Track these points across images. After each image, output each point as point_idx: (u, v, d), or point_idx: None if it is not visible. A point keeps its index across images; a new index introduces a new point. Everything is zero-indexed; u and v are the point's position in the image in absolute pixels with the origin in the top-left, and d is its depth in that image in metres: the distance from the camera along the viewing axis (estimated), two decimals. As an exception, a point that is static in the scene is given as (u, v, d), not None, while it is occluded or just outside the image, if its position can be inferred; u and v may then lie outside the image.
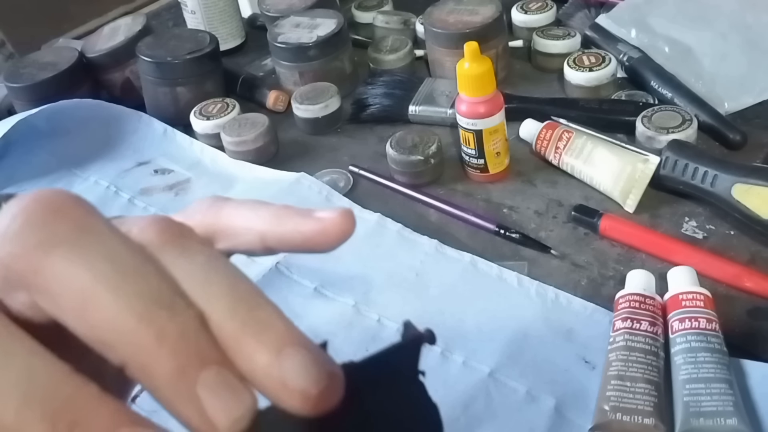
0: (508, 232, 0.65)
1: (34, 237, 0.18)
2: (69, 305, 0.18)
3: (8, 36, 1.16)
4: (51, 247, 0.18)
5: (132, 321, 0.18)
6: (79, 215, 0.19)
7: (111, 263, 0.18)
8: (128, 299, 0.18)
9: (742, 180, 0.59)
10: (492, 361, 0.54)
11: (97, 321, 0.18)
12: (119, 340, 0.18)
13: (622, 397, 0.47)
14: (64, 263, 0.18)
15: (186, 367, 0.18)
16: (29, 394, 0.17)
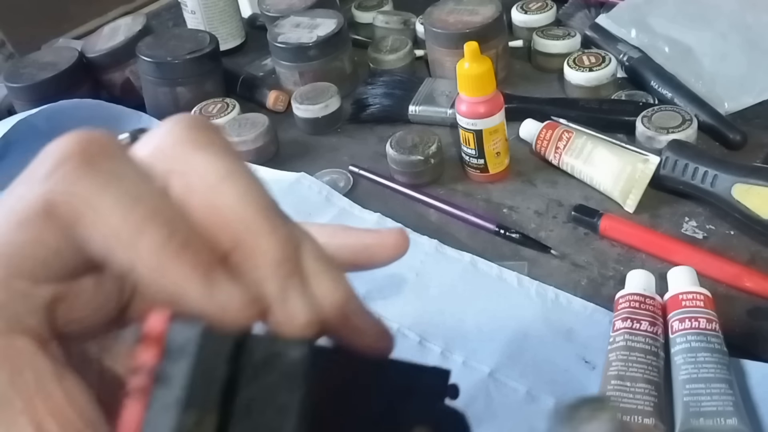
0: (508, 232, 0.65)
1: (191, 134, 0.22)
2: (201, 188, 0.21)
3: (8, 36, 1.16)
4: (203, 144, 0.22)
5: (254, 209, 0.21)
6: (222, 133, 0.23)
7: (243, 167, 0.22)
8: (255, 195, 0.22)
9: (742, 180, 0.59)
10: (492, 361, 0.54)
11: (221, 203, 0.21)
12: (238, 222, 0.21)
13: (622, 397, 0.47)
14: (209, 156, 0.22)
15: (287, 261, 0.21)
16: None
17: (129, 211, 0.20)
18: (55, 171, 0.20)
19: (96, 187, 0.20)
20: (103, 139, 0.21)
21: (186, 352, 0.20)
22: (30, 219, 0.20)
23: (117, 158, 0.21)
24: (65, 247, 0.21)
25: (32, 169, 0.21)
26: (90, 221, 0.20)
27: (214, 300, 0.20)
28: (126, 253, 0.20)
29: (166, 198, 0.21)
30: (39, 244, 0.20)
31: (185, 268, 0.20)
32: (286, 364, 0.20)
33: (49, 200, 0.20)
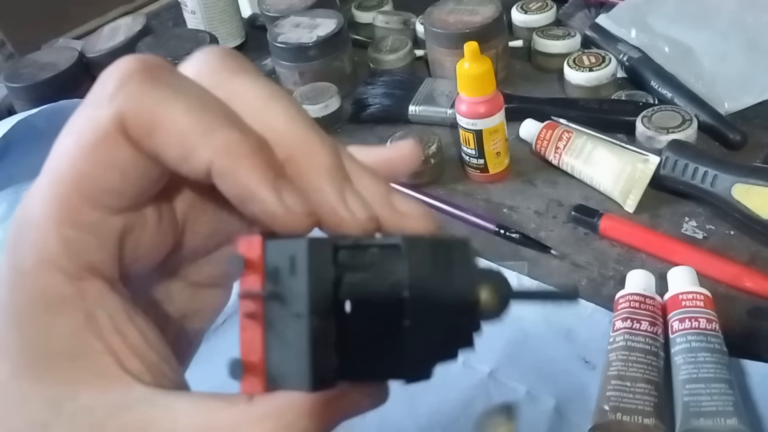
0: (508, 232, 0.65)
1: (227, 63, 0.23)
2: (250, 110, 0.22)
3: (8, 36, 1.16)
4: (240, 70, 0.23)
5: (302, 125, 0.22)
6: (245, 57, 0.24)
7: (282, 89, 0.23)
8: (299, 113, 0.23)
9: (742, 180, 0.59)
10: (492, 361, 0.54)
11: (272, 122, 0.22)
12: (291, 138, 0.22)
13: (622, 397, 0.47)
14: (250, 80, 0.22)
15: (340, 167, 0.23)
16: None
17: (201, 114, 0.20)
18: (121, 88, 0.21)
19: (165, 97, 0.20)
20: (158, 59, 0.22)
21: (289, 270, 0.20)
22: (104, 138, 0.20)
23: (176, 73, 0.22)
24: (139, 165, 0.21)
25: (96, 91, 0.21)
26: (165, 128, 0.20)
27: (282, 204, 0.21)
28: (203, 154, 0.20)
29: (229, 106, 0.21)
30: (113, 167, 0.21)
31: (258, 170, 0.21)
32: (383, 255, 0.21)
33: (121, 116, 0.20)
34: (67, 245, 0.21)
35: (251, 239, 0.21)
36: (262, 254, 0.21)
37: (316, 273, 0.20)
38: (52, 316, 0.21)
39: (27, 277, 0.21)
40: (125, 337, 0.22)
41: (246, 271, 0.21)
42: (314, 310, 0.20)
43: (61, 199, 0.21)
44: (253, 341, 0.21)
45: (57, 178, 0.21)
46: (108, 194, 0.21)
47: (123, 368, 0.21)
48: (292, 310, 0.20)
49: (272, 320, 0.20)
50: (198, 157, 0.20)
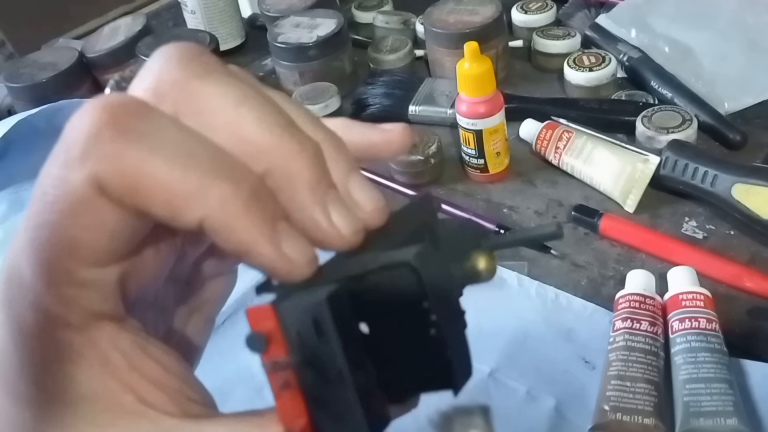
0: (508, 233, 0.65)
1: (189, 68, 0.21)
2: (219, 122, 0.20)
3: (8, 36, 1.16)
4: (204, 74, 0.21)
5: (277, 133, 0.21)
6: (216, 58, 0.22)
7: (253, 90, 0.21)
8: (272, 117, 0.21)
9: (742, 180, 0.59)
10: (492, 361, 0.54)
11: (245, 133, 0.20)
12: (266, 150, 0.20)
13: (622, 397, 0.47)
14: (216, 86, 0.20)
15: (321, 179, 0.21)
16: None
17: (186, 167, 0.19)
18: (93, 148, 0.19)
19: (143, 152, 0.19)
20: (125, 100, 0.20)
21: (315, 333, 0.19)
22: (82, 204, 0.19)
23: (149, 116, 0.20)
24: (126, 222, 0.20)
25: (63, 149, 0.19)
26: (148, 190, 0.19)
27: (283, 258, 0.20)
28: (194, 212, 0.19)
29: (212, 144, 0.20)
30: (98, 227, 0.20)
31: (255, 222, 0.20)
32: (393, 276, 0.20)
33: (98, 179, 0.19)
34: (67, 303, 0.20)
35: (260, 310, 0.20)
36: (278, 323, 0.20)
37: (344, 329, 0.20)
38: (66, 367, 0.21)
39: (32, 339, 0.21)
40: (142, 371, 0.21)
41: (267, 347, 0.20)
42: (354, 367, 0.20)
43: (49, 263, 0.20)
44: (293, 408, 0.20)
45: (41, 244, 0.20)
46: (98, 253, 0.20)
47: (145, 403, 0.21)
48: (330, 373, 0.20)
49: (309, 385, 0.20)
50: (188, 216, 0.19)
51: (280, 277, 0.20)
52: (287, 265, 0.20)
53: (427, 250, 0.21)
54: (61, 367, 0.20)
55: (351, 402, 0.20)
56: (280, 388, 0.20)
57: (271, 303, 0.20)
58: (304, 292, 0.20)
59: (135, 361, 0.21)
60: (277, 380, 0.20)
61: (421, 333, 0.20)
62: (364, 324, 0.21)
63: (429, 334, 0.20)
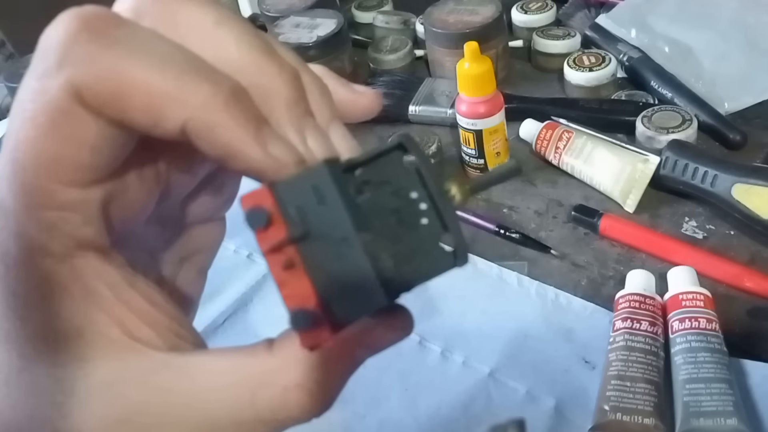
0: (508, 232, 0.65)
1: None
2: (198, 39, 0.20)
3: (8, 36, 1.16)
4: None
5: (256, 52, 0.20)
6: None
7: (234, 13, 0.21)
8: (252, 38, 0.20)
9: (742, 180, 0.59)
10: (492, 361, 0.54)
11: (224, 52, 0.20)
12: (244, 68, 0.20)
13: (622, 397, 0.47)
14: (195, 5, 0.20)
15: (299, 101, 0.21)
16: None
17: (164, 69, 0.18)
18: (68, 53, 0.18)
19: (119, 56, 0.18)
20: (98, 10, 0.19)
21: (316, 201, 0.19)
22: (60, 114, 0.18)
23: (123, 24, 0.19)
24: (106, 135, 0.19)
25: (39, 60, 0.19)
26: (128, 92, 0.18)
27: (271, 158, 0.20)
28: (175, 114, 0.19)
29: (189, 51, 0.20)
30: (78, 142, 0.19)
31: (238, 124, 0.19)
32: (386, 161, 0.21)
33: (76, 85, 0.18)
34: (49, 229, 0.20)
35: (255, 192, 0.19)
36: (275, 201, 0.19)
37: (347, 194, 0.19)
38: (50, 300, 0.20)
39: (16, 269, 0.20)
40: (129, 304, 0.21)
41: (268, 222, 0.19)
42: (359, 227, 0.19)
43: (30, 185, 0.19)
44: (300, 290, 0.19)
45: (20, 165, 0.19)
46: (79, 170, 0.19)
47: (132, 337, 0.21)
48: (335, 238, 0.19)
49: (314, 259, 0.19)
50: (170, 120, 0.19)
51: (267, 178, 0.20)
52: (275, 164, 0.20)
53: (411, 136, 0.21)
54: (44, 300, 0.20)
55: (361, 267, 0.19)
56: (283, 268, 0.19)
57: (267, 184, 0.19)
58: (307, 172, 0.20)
59: (122, 293, 0.21)
60: (279, 261, 0.19)
61: (415, 209, 0.20)
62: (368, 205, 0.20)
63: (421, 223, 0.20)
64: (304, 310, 0.19)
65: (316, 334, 0.19)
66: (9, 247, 0.20)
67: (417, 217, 0.20)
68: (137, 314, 0.21)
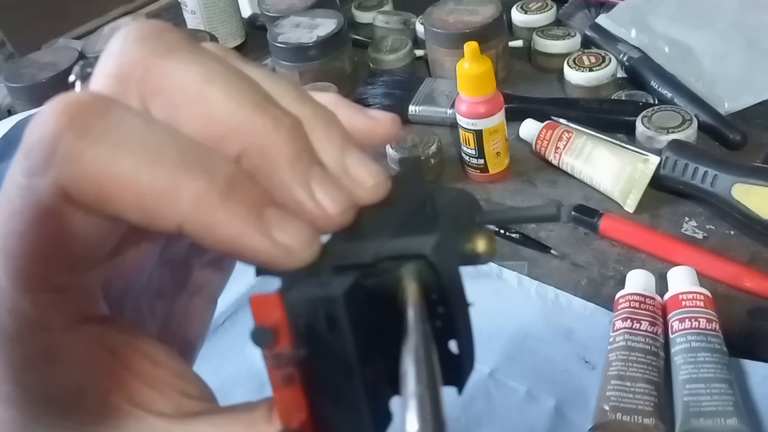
0: (508, 232, 0.65)
1: (151, 46, 0.19)
2: (186, 101, 0.19)
3: (8, 36, 1.16)
4: (167, 52, 0.19)
5: (249, 109, 0.19)
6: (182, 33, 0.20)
7: (222, 65, 0.19)
8: (243, 93, 0.19)
9: (742, 180, 0.59)
10: (492, 361, 0.54)
11: (213, 112, 0.19)
12: (237, 128, 0.19)
13: (622, 397, 0.47)
14: (180, 63, 0.19)
15: (301, 154, 0.19)
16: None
17: (154, 165, 0.18)
18: (53, 155, 0.18)
19: (104, 151, 0.17)
20: (82, 98, 0.18)
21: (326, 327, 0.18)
22: (49, 212, 0.18)
23: (108, 111, 0.18)
24: (98, 227, 0.19)
25: (25, 156, 0.18)
26: (116, 192, 0.18)
27: (278, 247, 0.18)
28: (170, 215, 0.18)
29: (179, 135, 0.18)
30: (70, 235, 0.18)
31: (238, 213, 0.18)
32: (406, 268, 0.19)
33: (63, 186, 0.18)
34: (46, 308, 0.19)
35: (266, 300, 0.18)
36: (285, 315, 0.18)
37: (358, 326, 0.18)
38: (50, 369, 0.20)
39: (13, 341, 0.19)
40: (131, 368, 0.21)
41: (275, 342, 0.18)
42: (364, 364, 0.18)
43: (23, 271, 0.19)
44: (294, 401, 0.19)
45: (12, 253, 0.18)
46: (73, 260, 0.19)
47: (133, 402, 0.20)
48: (338, 367, 0.18)
49: (314, 379, 0.19)
50: (165, 220, 0.18)
51: (280, 267, 0.19)
52: (284, 252, 0.18)
53: (443, 242, 0.19)
54: (45, 367, 0.20)
55: (358, 398, 0.19)
56: (282, 382, 0.19)
57: (278, 292, 0.18)
58: (313, 281, 0.19)
59: (123, 357, 0.21)
60: (279, 375, 0.19)
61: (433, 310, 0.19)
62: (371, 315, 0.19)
63: (434, 325, 0.19)
64: (292, 427, 0.19)
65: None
66: (4, 321, 0.19)
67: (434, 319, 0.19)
68: (139, 377, 0.21)
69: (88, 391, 0.20)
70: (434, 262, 0.18)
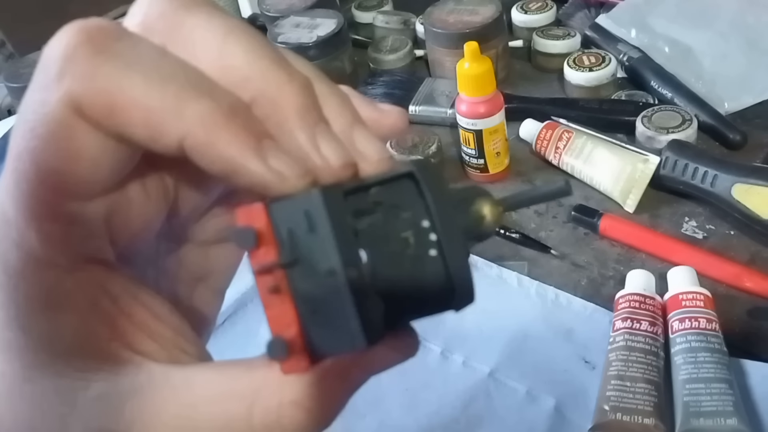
0: (508, 232, 0.65)
1: (166, 4, 0.20)
2: (206, 50, 0.20)
3: (8, 36, 1.16)
4: (192, 5, 0.20)
5: (266, 62, 0.20)
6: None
7: (243, 23, 0.21)
8: (261, 48, 0.20)
9: (742, 180, 0.59)
10: (492, 361, 0.54)
11: (231, 62, 0.20)
12: (251, 77, 0.20)
13: (622, 397, 0.47)
14: (204, 15, 0.20)
15: (310, 108, 0.20)
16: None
17: (163, 84, 0.18)
18: (69, 66, 0.18)
19: (118, 70, 0.18)
20: (101, 23, 0.19)
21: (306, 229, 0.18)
22: (60, 127, 0.18)
23: (125, 37, 0.19)
24: (106, 148, 0.19)
25: (41, 71, 0.19)
26: (126, 106, 0.18)
27: (272, 172, 0.19)
28: (173, 130, 0.18)
29: (191, 66, 0.19)
30: (78, 156, 0.19)
31: (238, 139, 0.19)
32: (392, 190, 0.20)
33: (74, 98, 0.18)
34: (52, 241, 0.19)
35: (251, 208, 0.19)
36: (269, 221, 0.19)
37: (339, 224, 0.18)
38: (53, 312, 0.20)
39: (18, 279, 0.20)
40: (132, 318, 0.21)
41: (259, 243, 0.19)
42: (347, 262, 0.18)
43: (32, 197, 0.19)
44: (283, 316, 0.19)
45: (22, 175, 0.19)
46: (81, 184, 0.19)
47: (133, 350, 0.21)
48: (321, 270, 0.18)
49: (300, 287, 0.19)
50: (168, 135, 0.19)
51: (271, 193, 0.19)
52: (277, 178, 0.19)
53: (426, 163, 0.20)
54: (47, 312, 0.20)
55: (344, 303, 0.18)
56: (270, 292, 0.19)
57: (263, 201, 0.19)
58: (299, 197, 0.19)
59: (125, 306, 0.21)
60: (266, 283, 0.19)
61: (421, 252, 0.19)
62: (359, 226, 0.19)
63: (429, 255, 0.19)
64: (282, 338, 0.19)
65: (293, 364, 0.19)
66: (10, 257, 0.20)
67: (425, 248, 0.20)
68: (140, 327, 0.21)
69: (89, 338, 0.20)
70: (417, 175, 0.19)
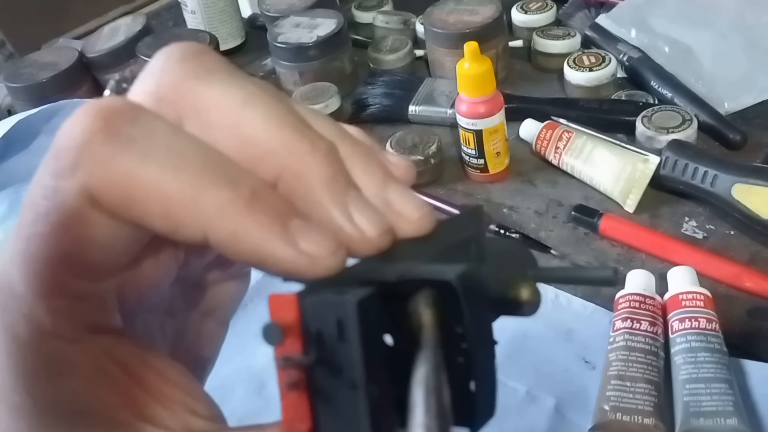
0: (508, 232, 0.65)
1: (190, 67, 0.19)
2: (223, 122, 0.19)
3: (8, 36, 1.16)
4: (206, 74, 0.19)
5: (287, 132, 0.19)
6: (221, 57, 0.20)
7: (260, 88, 0.20)
8: (282, 115, 0.19)
9: (742, 180, 0.59)
10: (492, 361, 0.54)
11: (250, 133, 0.19)
12: (275, 151, 0.19)
13: (622, 397, 0.47)
14: (219, 85, 0.19)
15: (338, 176, 0.19)
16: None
17: (179, 172, 0.18)
18: (84, 156, 0.18)
19: (135, 158, 0.18)
20: (116, 104, 0.19)
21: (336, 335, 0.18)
22: (74, 217, 0.18)
23: (141, 120, 0.18)
24: (121, 235, 0.19)
25: (55, 157, 0.18)
26: (143, 198, 0.18)
27: (303, 255, 0.18)
28: (194, 222, 0.18)
29: (208, 147, 0.19)
30: (92, 240, 0.18)
31: (263, 223, 0.18)
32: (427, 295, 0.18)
33: (90, 189, 0.18)
34: (60, 316, 0.19)
35: (283, 299, 0.18)
36: (299, 316, 0.18)
37: (369, 339, 0.18)
38: (60, 379, 0.20)
39: (26, 349, 0.19)
40: (141, 384, 0.20)
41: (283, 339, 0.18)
42: (370, 378, 0.18)
43: (41, 276, 0.19)
44: (298, 410, 0.18)
45: (32, 255, 0.19)
46: (92, 267, 0.19)
47: (142, 419, 0.20)
48: (344, 379, 0.18)
49: (319, 388, 0.18)
50: (189, 227, 0.18)
51: (304, 276, 0.19)
52: (308, 261, 0.18)
53: (472, 272, 0.18)
54: (54, 380, 0.20)
55: (360, 415, 0.18)
56: (288, 386, 0.18)
57: (297, 293, 0.18)
58: (332, 290, 0.18)
59: (134, 373, 0.20)
60: (287, 378, 0.18)
61: (448, 359, 0.19)
62: (388, 335, 0.19)
63: (456, 361, 0.19)
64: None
65: None
66: (18, 327, 0.19)
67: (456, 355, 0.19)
68: (149, 393, 0.20)
69: (97, 406, 0.20)
70: (458, 290, 0.18)
